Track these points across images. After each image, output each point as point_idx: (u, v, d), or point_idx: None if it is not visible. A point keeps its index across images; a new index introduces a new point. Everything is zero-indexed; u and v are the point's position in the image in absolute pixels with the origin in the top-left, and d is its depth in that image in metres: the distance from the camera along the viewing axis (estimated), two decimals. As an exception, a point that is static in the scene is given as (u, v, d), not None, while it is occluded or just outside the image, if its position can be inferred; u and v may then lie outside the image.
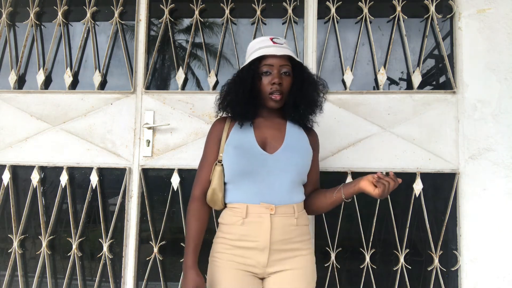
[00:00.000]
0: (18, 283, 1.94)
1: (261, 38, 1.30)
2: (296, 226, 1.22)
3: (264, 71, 1.24)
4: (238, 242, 1.21)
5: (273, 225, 1.18)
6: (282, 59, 1.24)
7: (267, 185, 1.21)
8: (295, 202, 1.24)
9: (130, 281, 1.86)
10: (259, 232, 1.18)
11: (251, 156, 1.22)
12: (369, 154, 1.83)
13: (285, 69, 1.24)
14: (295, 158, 1.23)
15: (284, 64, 1.24)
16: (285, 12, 1.95)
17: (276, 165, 1.21)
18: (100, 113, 1.94)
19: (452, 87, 1.84)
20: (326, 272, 1.81)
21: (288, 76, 1.26)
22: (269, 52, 1.22)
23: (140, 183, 1.89)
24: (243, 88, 1.24)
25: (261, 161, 1.21)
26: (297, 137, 1.30)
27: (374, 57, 1.91)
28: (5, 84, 2.02)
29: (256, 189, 1.21)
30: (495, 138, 1.79)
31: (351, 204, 1.83)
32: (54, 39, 2.02)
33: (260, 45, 1.27)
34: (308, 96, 1.28)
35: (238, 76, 1.29)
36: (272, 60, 1.23)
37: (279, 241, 1.19)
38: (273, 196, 1.20)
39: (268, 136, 1.27)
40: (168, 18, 1.98)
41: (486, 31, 1.84)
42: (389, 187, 1.12)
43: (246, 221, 1.20)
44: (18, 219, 1.96)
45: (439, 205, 1.83)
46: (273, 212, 1.18)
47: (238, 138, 1.26)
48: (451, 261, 1.81)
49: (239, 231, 1.21)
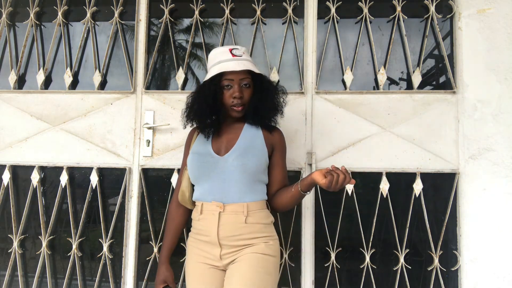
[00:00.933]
0: (18, 283, 1.94)
1: (220, 49, 1.37)
2: (245, 224, 1.27)
3: (225, 85, 1.32)
4: (198, 236, 1.33)
5: (220, 221, 1.27)
6: (242, 72, 1.31)
7: (218, 185, 1.30)
8: (247, 201, 1.29)
9: (130, 281, 1.86)
10: (209, 227, 1.29)
11: (204, 160, 1.32)
12: (369, 154, 1.83)
13: (245, 82, 1.33)
14: (243, 159, 1.29)
15: (243, 77, 1.32)
16: (285, 12, 1.95)
17: (225, 167, 1.29)
18: (100, 113, 1.94)
19: (452, 87, 1.84)
20: (326, 272, 1.81)
21: (248, 88, 1.34)
22: (229, 68, 1.29)
23: (140, 183, 1.90)
24: (206, 103, 1.33)
25: (212, 164, 1.31)
26: (250, 139, 1.35)
27: (374, 57, 1.91)
28: (5, 84, 2.02)
29: (210, 189, 1.31)
30: (495, 138, 1.79)
31: (351, 204, 1.83)
32: (54, 39, 2.02)
33: (220, 58, 1.34)
34: (267, 103, 1.36)
35: (201, 91, 1.37)
36: (232, 75, 1.31)
37: (227, 237, 1.27)
38: (223, 195, 1.29)
39: (224, 140, 1.37)
40: (168, 18, 1.98)
41: (486, 31, 1.84)
42: (338, 179, 1.13)
43: (201, 217, 1.32)
44: (18, 219, 1.96)
45: (439, 205, 1.83)
46: (222, 210, 1.27)
47: (198, 144, 1.39)
48: (451, 261, 1.81)
49: (197, 226, 1.34)
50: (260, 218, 1.31)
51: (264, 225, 1.31)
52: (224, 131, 1.39)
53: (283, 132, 1.46)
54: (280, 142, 1.40)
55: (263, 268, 1.24)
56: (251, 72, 1.35)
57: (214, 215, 1.28)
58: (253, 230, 1.28)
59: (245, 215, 1.27)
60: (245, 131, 1.37)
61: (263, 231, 1.30)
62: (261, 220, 1.31)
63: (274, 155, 1.38)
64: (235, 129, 1.38)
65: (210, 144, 1.36)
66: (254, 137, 1.36)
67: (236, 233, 1.27)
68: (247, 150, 1.31)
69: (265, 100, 1.35)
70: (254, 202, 1.31)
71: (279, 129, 1.43)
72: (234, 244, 1.27)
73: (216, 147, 1.35)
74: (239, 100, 1.31)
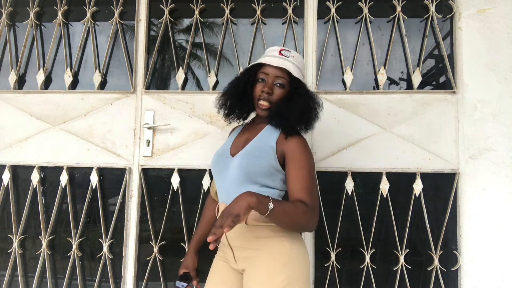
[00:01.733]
0: (18, 283, 1.94)
1: (273, 47, 1.34)
2: (246, 225, 1.21)
3: (260, 78, 1.29)
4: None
5: None
6: (279, 70, 1.26)
7: (225, 186, 1.28)
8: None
9: (130, 281, 1.86)
10: None
11: (219, 160, 1.31)
12: (369, 154, 1.83)
13: (279, 81, 1.26)
14: (245, 161, 1.22)
15: (279, 76, 1.26)
16: (285, 12, 1.95)
17: (232, 167, 1.26)
18: (100, 113, 1.94)
19: (452, 87, 1.84)
20: (326, 272, 1.81)
21: (281, 88, 1.27)
22: (268, 61, 1.26)
23: (140, 183, 1.89)
24: (236, 89, 1.32)
25: (224, 164, 1.28)
26: (263, 140, 1.26)
27: (374, 57, 1.91)
28: (5, 84, 2.02)
29: (220, 189, 1.30)
30: (495, 138, 1.79)
31: (351, 204, 1.83)
32: (54, 39, 2.02)
33: (268, 53, 1.32)
34: (295, 106, 1.25)
35: (236, 78, 1.37)
36: (269, 69, 1.27)
37: (234, 239, 1.24)
38: (227, 196, 1.25)
39: (243, 140, 1.32)
40: (168, 18, 1.98)
41: (486, 31, 1.84)
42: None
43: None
44: (18, 219, 1.96)
45: (439, 205, 1.83)
46: None
47: (224, 143, 1.38)
48: (451, 261, 1.81)
49: None
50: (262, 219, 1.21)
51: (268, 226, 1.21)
52: (247, 131, 1.35)
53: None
54: (293, 150, 1.22)
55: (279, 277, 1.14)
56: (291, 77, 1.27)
57: None
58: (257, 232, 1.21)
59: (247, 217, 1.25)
60: (263, 133, 1.29)
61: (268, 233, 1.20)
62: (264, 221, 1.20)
63: (286, 164, 1.23)
64: (256, 130, 1.33)
65: (230, 144, 1.34)
66: (268, 139, 1.26)
67: (240, 235, 1.23)
68: (252, 151, 1.24)
69: (293, 102, 1.26)
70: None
71: (298, 137, 1.24)
72: (242, 246, 1.23)
73: (234, 148, 1.32)
74: (266, 95, 1.25)
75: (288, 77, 1.27)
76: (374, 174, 1.84)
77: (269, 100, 1.26)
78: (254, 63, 1.31)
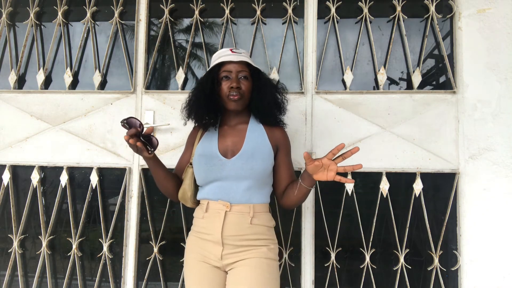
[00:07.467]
0: (18, 283, 1.94)
1: (222, 50, 1.42)
2: (250, 224, 1.29)
3: (223, 76, 1.35)
4: (200, 234, 1.33)
5: (226, 220, 1.28)
6: (240, 65, 1.35)
7: (226, 186, 1.30)
8: (254, 202, 1.31)
9: (130, 281, 1.86)
10: (214, 225, 1.29)
11: (212, 163, 1.32)
12: (369, 154, 1.83)
13: (243, 74, 1.35)
14: (251, 163, 1.29)
15: (241, 70, 1.35)
16: (285, 12, 1.95)
17: (233, 170, 1.30)
18: (100, 113, 1.94)
19: (452, 87, 1.84)
20: (326, 272, 1.81)
21: (246, 80, 1.36)
22: (227, 59, 1.34)
23: (140, 183, 1.90)
24: (203, 93, 1.36)
25: (219, 166, 1.31)
26: (255, 141, 1.35)
27: (374, 57, 1.91)
28: (5, 84, 2.02)
29: (217, 189, 1.31)
30: (495, 138, 1.79)
31: (351, 204, 1.83)
32: (54, 39, 2.02)
33: (220, 55, 1.40)
34: (266, 98, 1.37)
35: (200, 83, 1.41)
36: (230, 66, 1.35)
37: (231, 236, 1.27)
38: (231, 195, 1.29)
39: (229, 142, 1.36)
40: (168, 18, 1.98)
41: (486, 31, 1.84)
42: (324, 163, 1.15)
43: (206, 215, 1.32)
44: (18, 219, 1.96)
45: (439, 205, 1.83)
46: (228, 209, 1.28)
47: (204, 146, 1.38)
48: (451, 261, 1.81)
49: (200, 224, 1.34)
50: (264, 220, 1.33)
51: (267, 228, 1.33)
52: (228, 133, 1.39)
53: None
54: (284, 140, 1.41)
55: (269, 274, 1.25)
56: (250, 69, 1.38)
57: (219, 214, 1.29)
58: (257, 232, 1.30)
59: (251, 216, 1.29)
60: (250, 133, 1.37)
61: (265, 234, 1.32)
62: (265, 222, 1.33)
63: (279, 154, 1.39)
64: (238, 131, 1.38)
65: (216, 146, 1.35)
66: (259, 139, 1.36)
67: (241, 233, 1.28)
68: (255, 154, 1.31)
69: (263, 95, 1.37)
70: (260, 204, 1.32)
71: (281, 127, 1.43)
72: (236, 244, 1.27)
73: (222, 149, 1.35)
74: (236, 90, 1.32)
75: (248, 69, 1.37)
76: (374, 174, 1.84)
77: (239, 93, 1.33)
78: (213, 65, 1.37)
